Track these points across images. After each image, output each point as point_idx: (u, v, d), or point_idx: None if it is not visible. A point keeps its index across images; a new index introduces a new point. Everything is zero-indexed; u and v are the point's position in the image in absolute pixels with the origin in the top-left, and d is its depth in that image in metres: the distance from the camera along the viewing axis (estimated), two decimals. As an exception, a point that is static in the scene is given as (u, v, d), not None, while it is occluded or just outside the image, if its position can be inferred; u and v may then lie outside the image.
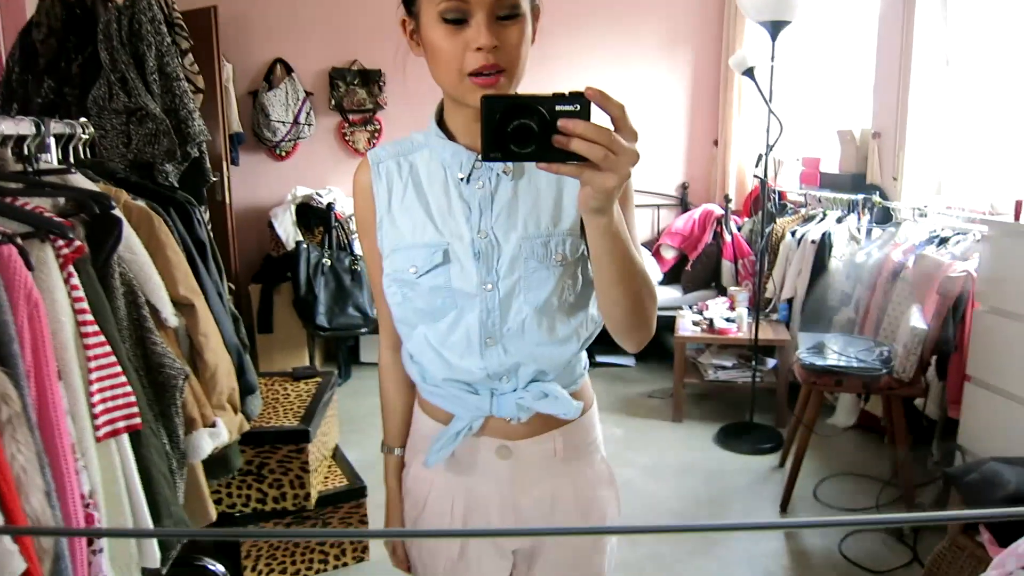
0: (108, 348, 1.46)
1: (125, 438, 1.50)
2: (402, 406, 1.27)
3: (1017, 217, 2.48)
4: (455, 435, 1.14)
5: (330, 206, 4.27)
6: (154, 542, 1.52)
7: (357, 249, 4.31)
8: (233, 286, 2.47)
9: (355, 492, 2.59)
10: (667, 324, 4.26)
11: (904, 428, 2.81)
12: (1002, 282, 2.42)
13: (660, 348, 4.83)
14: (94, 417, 1.43)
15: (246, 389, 2.16)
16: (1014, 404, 2.39)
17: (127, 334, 1.60)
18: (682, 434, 3.62)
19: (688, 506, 2.96)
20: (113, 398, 1.48)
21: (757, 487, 3.12)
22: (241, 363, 2.13)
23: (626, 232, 0.95)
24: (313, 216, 4.52)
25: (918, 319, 2.74)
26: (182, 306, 1.76)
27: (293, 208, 4.57)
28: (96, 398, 1.44)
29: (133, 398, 1.51)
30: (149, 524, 1.52)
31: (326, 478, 2.63)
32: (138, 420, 1.50)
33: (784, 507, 2.94)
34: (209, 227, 2.19)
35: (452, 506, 1.20)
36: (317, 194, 4.57)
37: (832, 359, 2.80)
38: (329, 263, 4.11)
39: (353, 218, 4.48)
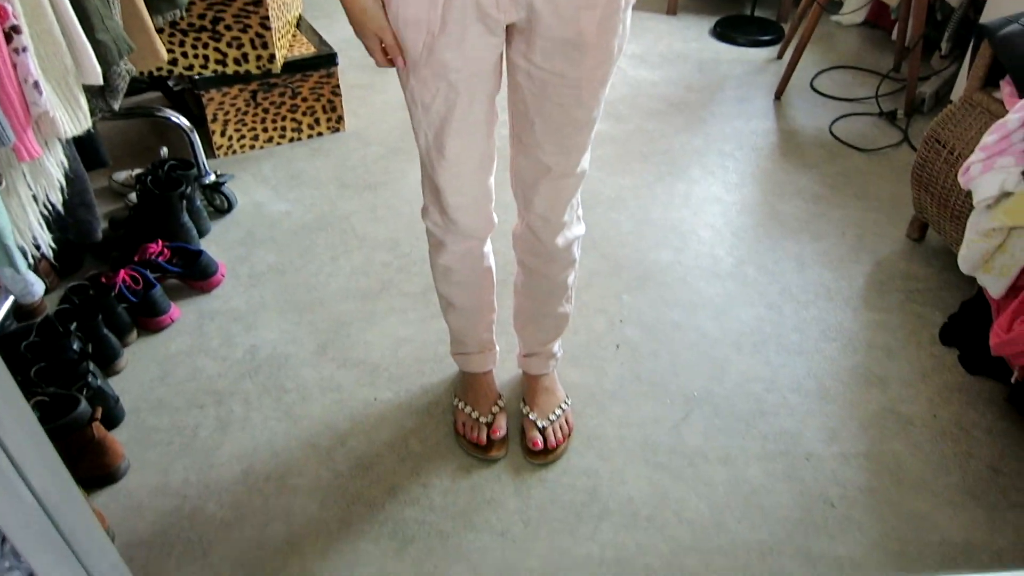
0: None
1: (26, -78, 1.23)
2: None
3: None
4: None
5: None
6: (90, 53, 1.33)
7: None
8: None
9: (325, 59, 2.37)
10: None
11: (924, 5, 2.57)
12: None
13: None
14: None
15: (180, -85, 1.82)
16: (1058, -32, 2.13)
17: None
18: (676, 26, 3.35)
19: (679, 91, 2.81)
20: None
21: (752, 76, 2.95)
22: None
23: None
24: None
25: None
26: None
27: None
28: None
29: None
30: (79, 32, 1.31)
31: (291, 46, 2.40)
32: None
33: (779, 95, 2.80)
34: None
35: None
36: None
37: (862, -80, 2.45)
38: None
39: None
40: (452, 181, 1.22)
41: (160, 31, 2.07)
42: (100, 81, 1.37)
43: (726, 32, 3.26)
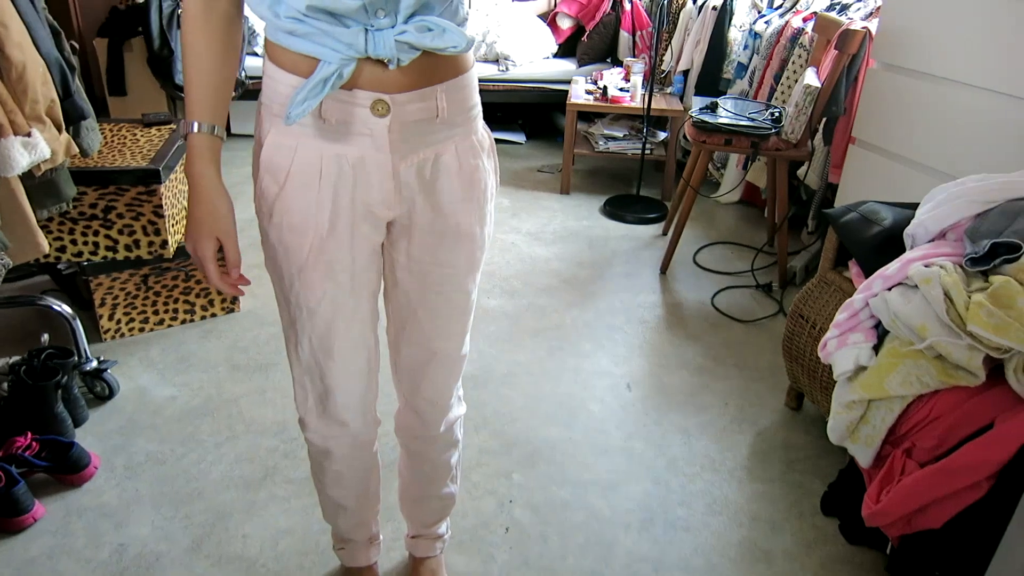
0: None
1: (-96, 130, 1.25)
2: (214, 62, 1.01)
3: (922, -37, 2.36)
4: (323, 83, 0.94)
5: (185, -55, 3.71)
6: (-43, 253, 1.32)
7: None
8: (76, 44, 2.11)
9: (219, 243, 2.40)
10: (557, 102, 4.10)
11: (786, 190, 2.83)
12: (901, 36, 2.35)
13: (550, 126, 4.71)
14: None
15: (75, 114, 1.89)
16: (895, 164, 2.40)
17: None
18: (569, 204, 3.57)
19: (571, 267, 2.95)
20: None
21: (639, 252, 3.13)
22: (66, 82, 1.83)
23: None
24: (167, -39, 3.95)
25: (812, 78, 2.67)
26: (-31, -16, 1.44)
27: (143, -49, 3.97)
28: None
29: (-93, 81, 1.24)
30: (-52, 233, 1.31)
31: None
32: (-83, 108, 1.25)
33: (664, 270, 2.97)
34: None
35: (320, 175, 1.03)
36: (171, -65, 3.97)
37: (724, 118, 2.73)
38: (188, 13, 3.63)
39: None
40: (343, 382, 1.21)
41: (49, 219, 2.08)
42: (-33, 279, 1.35)
43: (615, 210, 3.49)
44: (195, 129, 1.02)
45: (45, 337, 2.08)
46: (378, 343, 1.25)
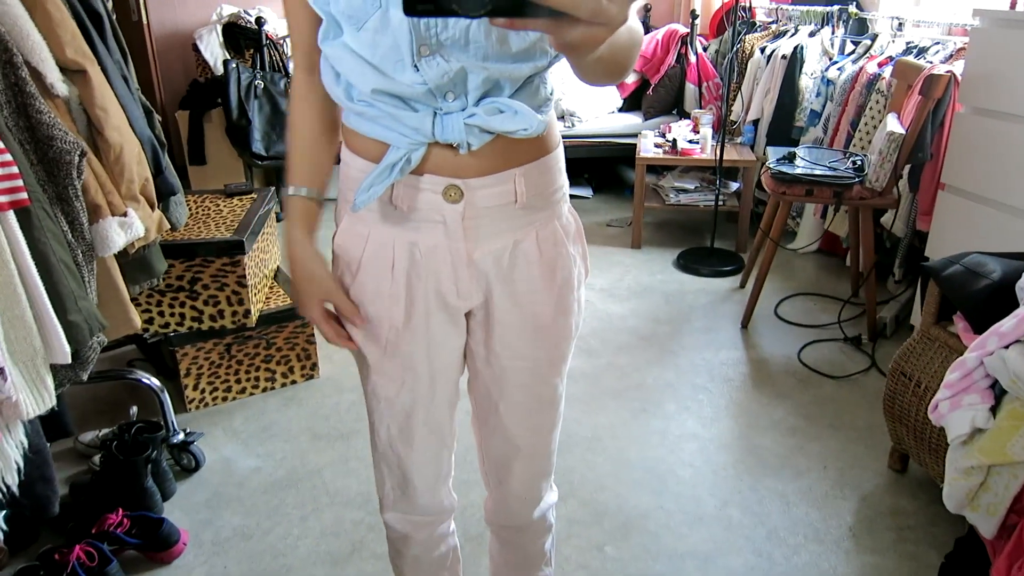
0: (-24, 106, 1.22)
1: (11, 217, 1.28)
2: (313, 134, 1.02)
3: (1013, 5, 2.28)
4: (390, 168, 0.92)
5: (260, 21, 3.86)
6: (61, 335, 1.34)
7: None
8: (160, 116, 2.20)
9: (299, 311, 2.42)
10: (625, 156, 4.09)
11: (872, 240, 2.73)
12: (989, 79, 2.26)
13: (617, 180, 4.69)
14: (-32, 189, 1.21)
15: (166, 190, 1.93)
16: (989, 209, 2.29)
17: (4, 99, 1.35)
18: (641, 259, 3.52)
19: (647, 324, 2.89)
20: (-9, 168, 1.25)
21: (717, 306, 3.05)
22: (157, 160, 1.89)
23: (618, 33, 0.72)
24: (242, 37, 4.13)
25: (895, 124, 2.59)
26: (72, 73, 1.49)
27: (219, 28, 4.17)
28: (-32, 166, 1.22)
29: (16, 169, 1.28)
30: (51, 315, 1.33)
31: (268, 298, 2.46)
32: (24, 196, 1.29)
33: (745, 324, 2.88)
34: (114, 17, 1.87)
35: (392, 265, 1.01)
36: (245, 12, 4.15)
37: (803, 168, 2.66)
38: (262, 85, 3.77)
39: (287, 39, 4.10)
40: (421, 468, 1.18)
41: (139, 293, 2.12)
42: (68, 361, 1.37)
43: (689, 264, 3.42)
44: (290, 192, 1.02)
45: (134, 410, 2.10)
46: (455, 422, 1.20)
